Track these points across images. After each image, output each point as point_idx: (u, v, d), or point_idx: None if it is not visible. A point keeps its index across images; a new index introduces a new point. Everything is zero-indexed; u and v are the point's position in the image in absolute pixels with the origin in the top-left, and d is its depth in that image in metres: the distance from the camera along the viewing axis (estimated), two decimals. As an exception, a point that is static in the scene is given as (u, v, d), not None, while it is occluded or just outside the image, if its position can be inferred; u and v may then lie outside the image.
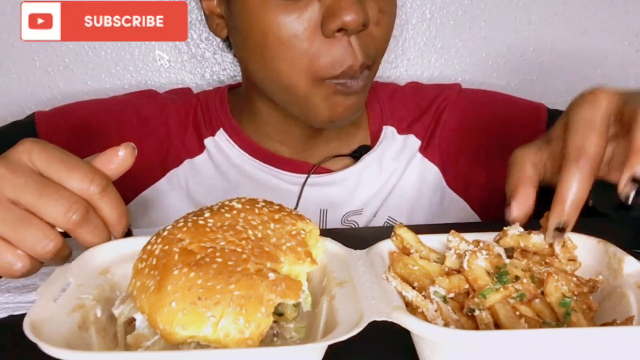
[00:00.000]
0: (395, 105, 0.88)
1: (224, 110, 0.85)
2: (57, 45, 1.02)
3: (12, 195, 0.46)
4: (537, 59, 1.11)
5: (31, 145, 0.47)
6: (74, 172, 0.47)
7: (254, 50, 0.70)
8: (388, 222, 0.83)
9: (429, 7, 1.08)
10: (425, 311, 0.42)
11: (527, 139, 0.80)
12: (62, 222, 0.46)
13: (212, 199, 0.81)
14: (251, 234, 0.44)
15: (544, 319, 0.43)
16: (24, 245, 0.45)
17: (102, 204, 0.48)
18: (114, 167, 0.50)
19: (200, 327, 0.37)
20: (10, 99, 1.04)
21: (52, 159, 0.47)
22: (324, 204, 0.82)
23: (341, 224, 0.82)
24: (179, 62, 1.07)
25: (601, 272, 0.47)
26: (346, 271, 0.46)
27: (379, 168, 0.84)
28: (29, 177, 0.46)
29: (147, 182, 0.82)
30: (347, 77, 0.67)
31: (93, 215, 0.48)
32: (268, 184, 0.82)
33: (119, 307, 0.43)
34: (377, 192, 0.83)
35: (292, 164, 0.83)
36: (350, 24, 0.63)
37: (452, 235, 0.49)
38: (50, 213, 0.45)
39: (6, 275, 0.47)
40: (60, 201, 0.45)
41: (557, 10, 1.08)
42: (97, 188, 0.47)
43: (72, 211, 0.46)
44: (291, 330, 0.43)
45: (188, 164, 0.83)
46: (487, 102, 0.89)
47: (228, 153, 0.83)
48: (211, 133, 0.84)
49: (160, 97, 0.88)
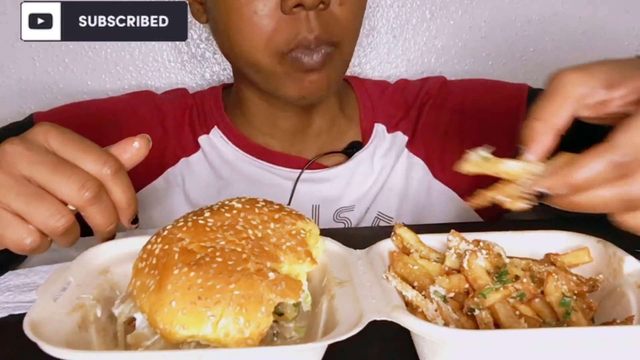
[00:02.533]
0: (385, 103, 0.90)
1: (218, 108, 0.87)
2: (57, 45, 1.02)
3: (27, 172, 0.47)
4: (537, 58, 1.11)
5: (48, 128, 0.49)
6: (89, 154, 0.48)
7: (222, 32, 0.73)
8: (378, 218, 0.84)
9: (429, 7, 1.08)
10: (425, 311, 0.42)
11: (508, 118, 0.82)
12: (75, 199, 0.47)
13: (207, 197, 0.83)
14: (251, 234, 0.44)
15: (544, 319, 0.43)
16: (37, 219, 0.47)
17: (113, 186, 0.49)
18: (128, 157, 0.51)
19: (200, 326, 0.37)
20: (10, 99, 1.04)
21: (67, 140, 0.49)
22: (316, 200, 0.83)
23: (333, 220, 0.83)
24: (179, 62, 1.07)
25: (601, 272, 0.47)
26: (346, 271, 0.46)
27: (370, 166, 0.85)
28: (45, 156, 0.48)
29: (145, 180, 0.83)
30: (301, 49, 0.69)
31: (104, 196, 0.49)
32: (261, 179, 0.83)
33: (118, 306, 0.43)
34: (368, 189, 0.84)
35: (285, 159, 0.84)
36: (306, 1, 0.66)
37: (452, 235, 0.49)
38: (64, 189, 0.47)
39: (16, 250, 0.48)
40: (74, 178, 0.47)
41: (557, 10, 1.08)
42: (109, 170, 0.48)
43: (86, 188, 0.47)
44: (291, 329, 0.43)
45: (184, 162, 0.84)
46: (469, 89, 0.90)
47: (222, 150, 0.85)
48: (205, 131, 0.86)
49: (157, 98, 0.90)
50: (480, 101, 0.87)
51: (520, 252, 0.50)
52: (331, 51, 0.71)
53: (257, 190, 0.81)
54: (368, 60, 1.10)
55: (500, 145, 0.90)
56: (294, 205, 0.81)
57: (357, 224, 0.84)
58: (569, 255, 0.48)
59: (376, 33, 1.09)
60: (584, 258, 0.48)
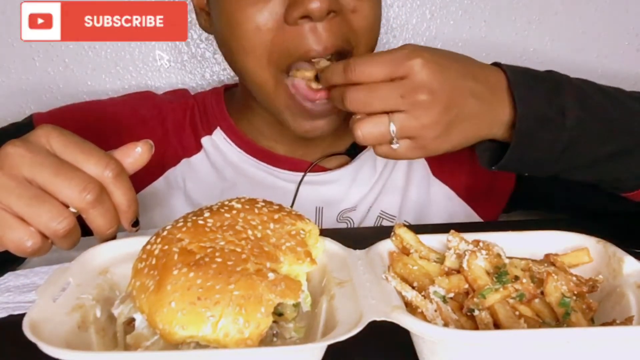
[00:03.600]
0: None
1: (221, 110, 0.86)
2: (57, 45, 1.02)
3: (29, 174, 0.47)
4: (537, 59, 1.10)
5: (50, 130, 0.49)
6: (90, 156, 0.48)
7: (225, 44, 0.71)
8: (381, 216, 0.84)
9: (429, 7, 1.08)
10: (424, 311, 0.42)
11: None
12: (77, 201, 0.47)
13: (208, 198, 0.83)
14: (251, 234, 0.44)
15: (544, 319, 0.43)
16: (38, 221, 0.47)
17: (115, 189, 0.49)
18: (131, 162, 0.51)
19: (200, 327, 0.37)
20: (10, 99, 1.04)
21: (69, 143, 0.49)
22: (319, 202, 0.83)
23: (337, 221, 0.83)
24: (179, 62, 1.07)
25: (601, 272, 0.47)
26: (346, 271, 0.46)
27: (373, 166, 0.85)
28: (47, 158, 0.48)
29: (145, 181, 0.83)
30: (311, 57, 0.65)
31: (106, 198, 0.49)
32: (264, 182, 0.83)
33: (118, 307, 0.43)
34: (370, 189, 0.84)
35: (289, 162, 0.83)
36: (313, 11, 0.61)
37: (452, 235, 0.49)
38: (65, 192, 0.47)
39: (16, 252, 0.48)
40: (76, 180, 0.47)
41: (557, 10, 1.08)
42: (111, 172, 0.48)
43: (87, 191, 0.47)
44: (291, 330, 0.43)
45: (185, 163, 0.84)
46: None
47: (225, 151, 0.84)
48: (208, 132, 0.85)
49: (157, 98, 0.89)
50: None
51: (520, 252, 0.50)
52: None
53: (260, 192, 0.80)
54: (368, 60, 1.10)
55: None
56: (297, 207, 0.81)
57: (360, 223, 0.84)
58: (568, 255, 0.48)
59: (376, 33, 1.09)
60: (584, 258, 0.48)
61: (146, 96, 0.90)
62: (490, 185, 0.85)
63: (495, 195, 0.86)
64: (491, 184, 0.85)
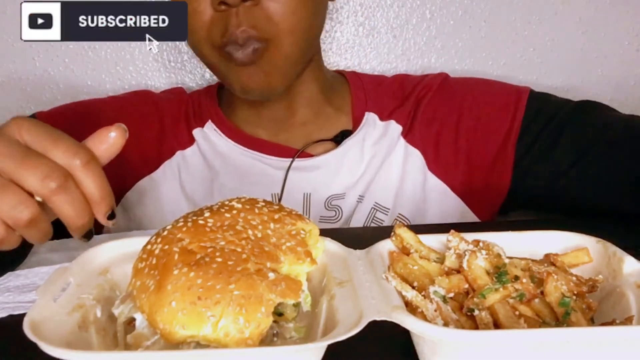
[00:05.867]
0: (379, 94, 0.91)
1: (213, 103, 0.91)
2: (57, 45, 1.02)
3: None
4: (537, 58, 1.11)
5: (22, 121, 0.48)
6: (59, 144, 0.47)
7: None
8: (375, 208, 0.85)
9: (429, 7, 1.08)
10: (425, 311, 0.42)
11: (503, 121, 0.83)
12: (39, 188, 0.45)
13: (201, 188, 0.86)
14: (251, 234, 0.44)
15: (544, 319, 0.43)
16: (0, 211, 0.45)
17: (84, 177, 0.47)
18: (105, 148, 0.49)
19: (200, 326, 0.37)
20: (10, 99, 1.05)
21: (39, 132, 0.47)
22: (307, 188, 0.85)
23: (325, 208, 0.85)
24: (179, 62, 1.07)
25: (601, 272, 0.47)
26: (346, 271, 0.46)
27: (360, 153, 0.86)
28: (14, 148, 0.46)
29: (144, 172, 0.87)
30: (230, 44, 0.73)
31: (72, 186, 0.47)
32: (252, 169, 0.86)
33: (118, 306, 0.43)
34: (359, 177, 0.85)
35: (274, 148, 0.86)
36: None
37: (452, 235, 0.49)
38: (29, 180, 0.45)
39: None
40: (40, 168, 0.45)
41: (557, 10, 1.08)
42: (79, 161, 0.46)
43: (51, 178, 0.45)
44: (291, 330, 0.43)
45: (180, 155, 0.88)
46: (469, 87, 0.90)
47: (215, 142, 0.88)
48: (200, 125, 0.90)
49: (155, 96, 0.94)
50: (479, 99, 0.87)
51: (519, 252, 0.50)
52: (261, 47, 0.73)
53: (248, 180, 0.84)
54: (368, 60, 1.10)
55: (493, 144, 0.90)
56: (285, 193, 0.83)
57: (350, 214, 0.84)
58: (568, 255, 0.48)
59: (376, 33, 1.09)
60: (584, 258, 0.48)
61: (144, 94, 0.94)
62: (486, 183, 0.85)
63: (491, 193, 0.86)
64: (487, 181, 0.85)
